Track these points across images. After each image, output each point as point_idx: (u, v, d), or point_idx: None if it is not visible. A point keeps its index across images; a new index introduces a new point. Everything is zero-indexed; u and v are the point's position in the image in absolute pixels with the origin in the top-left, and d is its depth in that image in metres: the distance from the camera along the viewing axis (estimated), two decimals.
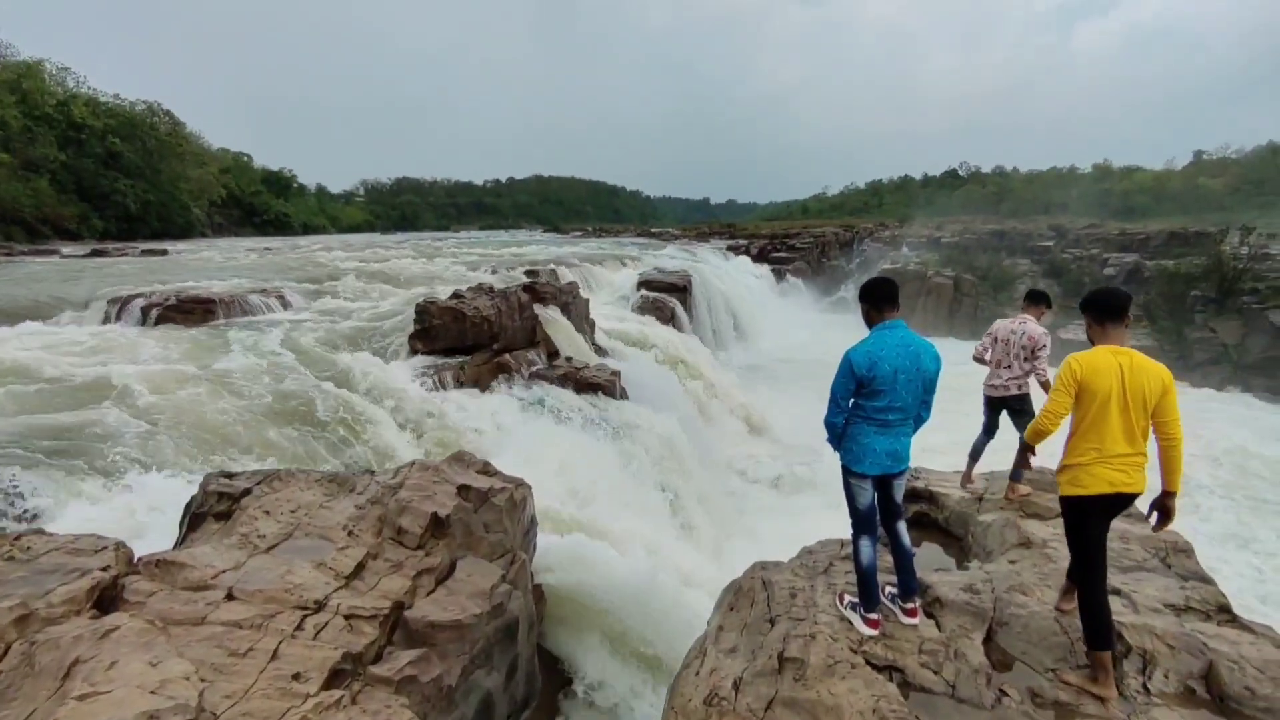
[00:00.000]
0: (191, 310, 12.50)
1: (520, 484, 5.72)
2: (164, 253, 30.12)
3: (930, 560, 5.31)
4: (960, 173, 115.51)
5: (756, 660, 3.56)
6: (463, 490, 5.08)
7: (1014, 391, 5.68)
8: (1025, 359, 5.63)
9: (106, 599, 3.56)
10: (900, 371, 3.56)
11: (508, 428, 8.99)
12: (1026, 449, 3.91)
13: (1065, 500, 3.45)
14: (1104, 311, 3.47)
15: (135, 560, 4.02)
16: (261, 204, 75.44)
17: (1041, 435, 3.55)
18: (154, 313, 12.27)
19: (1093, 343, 3.53)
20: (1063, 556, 4.36)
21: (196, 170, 63.53)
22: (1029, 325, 5.64)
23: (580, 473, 8.46)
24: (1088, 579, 3.37)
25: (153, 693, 2.50)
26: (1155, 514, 3.39)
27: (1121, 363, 3.32)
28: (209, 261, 24.55)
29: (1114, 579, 4.14)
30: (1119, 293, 3.53)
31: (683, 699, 3.41)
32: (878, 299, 3.72)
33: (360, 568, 4.28)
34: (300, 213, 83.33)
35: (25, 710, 2.44)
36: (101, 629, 2.83)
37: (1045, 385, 5.37)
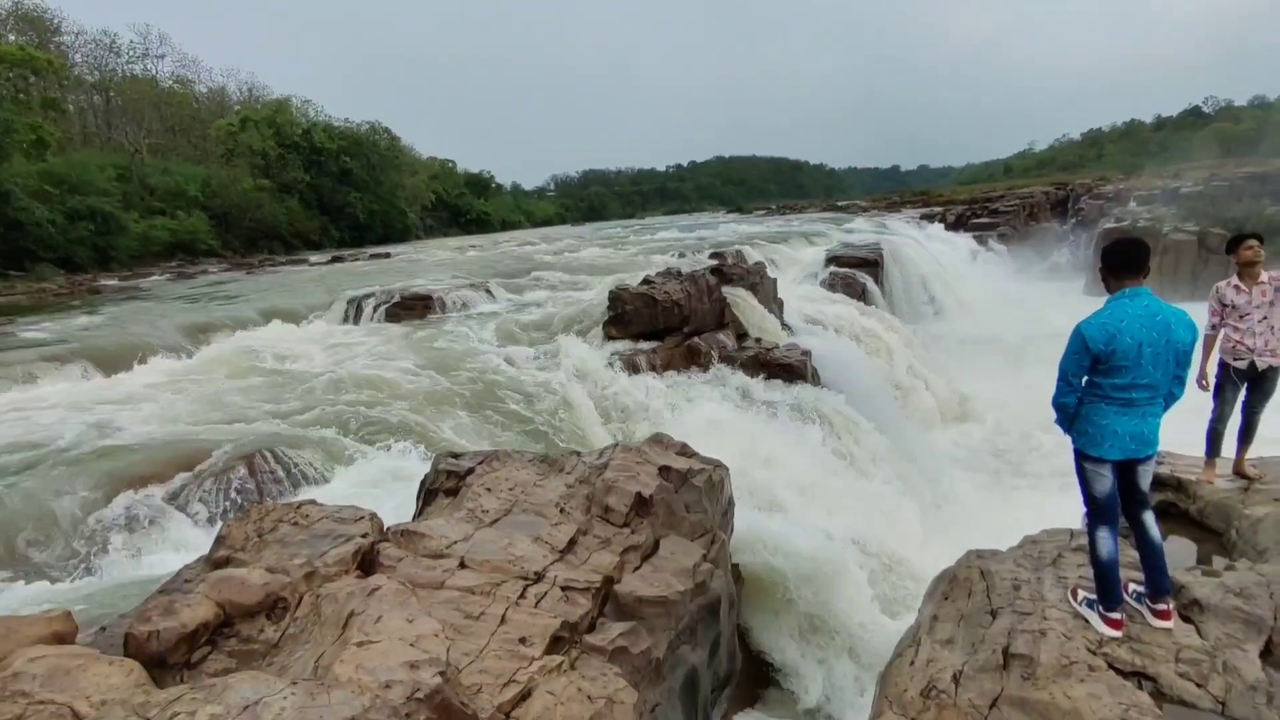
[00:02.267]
0: (413, 306, 14.00)
1: (718, 465, 5.80)
2: (388, 255, 33.97)
3: (1181, 558, 4.67)
4: (1206, 109, 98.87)
5: (978, 654, 3.35)
6: (664, 471, 5.24)
7: None
8: None
9: (366, 561, 4.11)
10: (1146, 345, 3.14)
11: (700, 410, 9.13)
12: None
13: None
14: None
15: (385, 529, 4.60)
16: (465, 205, 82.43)
17: None
18: (383, 310, 13.90)
19: None
20: None
21: (410, 179, 70.86)
22: None
23: (774, 455, 8.40)
24: None
25: (411, 645, 2.86)
26: None
27: None
28: (425, 261, 27.28)
29: None
30: None
31: (897, 689, 3.30)
32: (1114, 264, 3.32)
33: (572, 543, 4.57)
34: (499, 210, 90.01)
35: (317, 651, 2.90)
36: (368, 587, 3.28)
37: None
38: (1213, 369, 5.24)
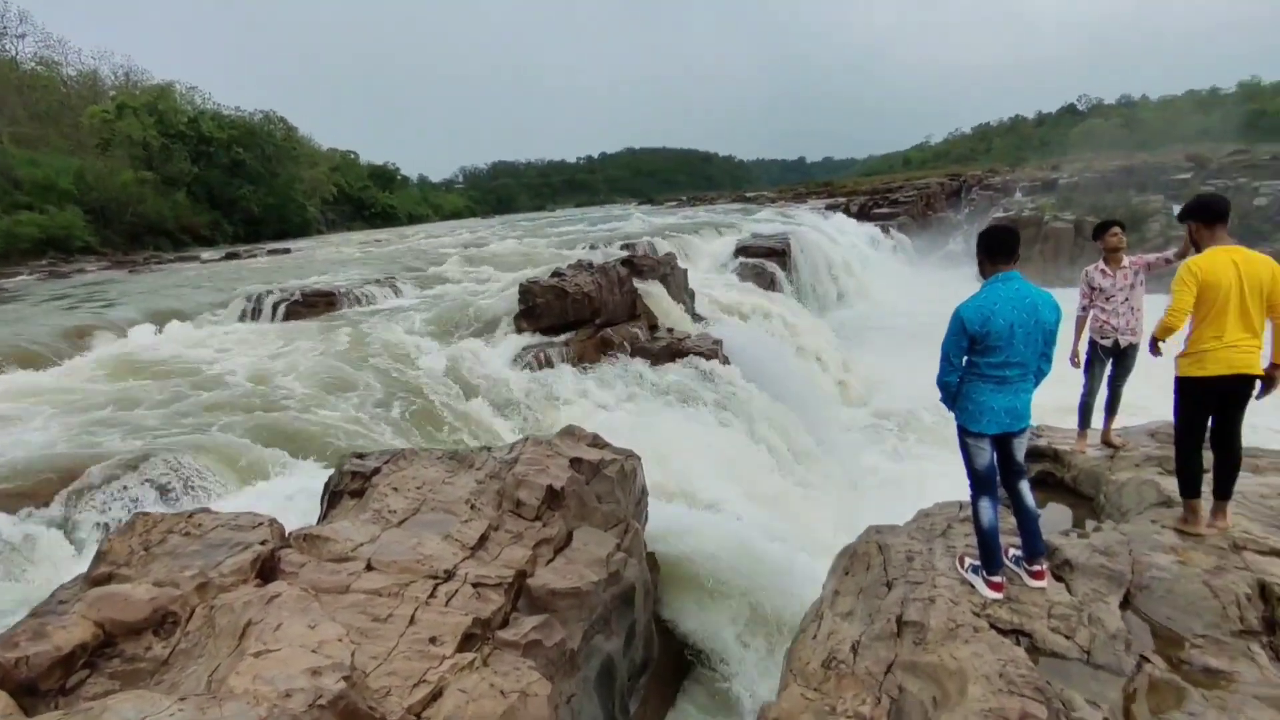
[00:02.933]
0: (315, 303, 13.45)
1: (630, 455, 5.85)
2: (288, 250, 32.40)
3: (1057, 522, 5.05)
4: (1080, 107, 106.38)
5: (874, 624, 3.54)
6: (575, 463, 5.26)
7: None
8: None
9: (266, 569, 3.94)
10: (1018, 325, 3.39)
11: (612, 401, 9.18)
12: (1155, 343, 4.11)
13: (1184, 380, 3.88)
14: (1212, 216, 3.89)
15: (286, 535, 4.43)
16: (369, 198, 79.41)
17: (1170, 330, 3.89)
18: (282, 308, 13.28)
19: (1198, 247, 3.94)
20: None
21: (309, 171, 67.63)
22: None
23: (687, 442, 8.54)
24: (1187, 444, 3.95)
25: (314, 651, 2.78)
26: (1260, 385, 3.77)
27: (1235, 259, 3.71)
28: (326, 256, 26.18)
29: (1273, 538, 3.81)
30: (1220, 198, 4.02)
31: (801, 662, 3.44)
32: (991, 250, 3.56)
33: (484, 539, 4.53)
34: (405, 204, 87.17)
35: (211, 665, 2.77)
36: (266, 595, 3.16)
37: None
38: (1083, 348, 5.69)
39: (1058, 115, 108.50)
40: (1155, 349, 4.10)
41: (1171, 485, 4.61)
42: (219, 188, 53.32)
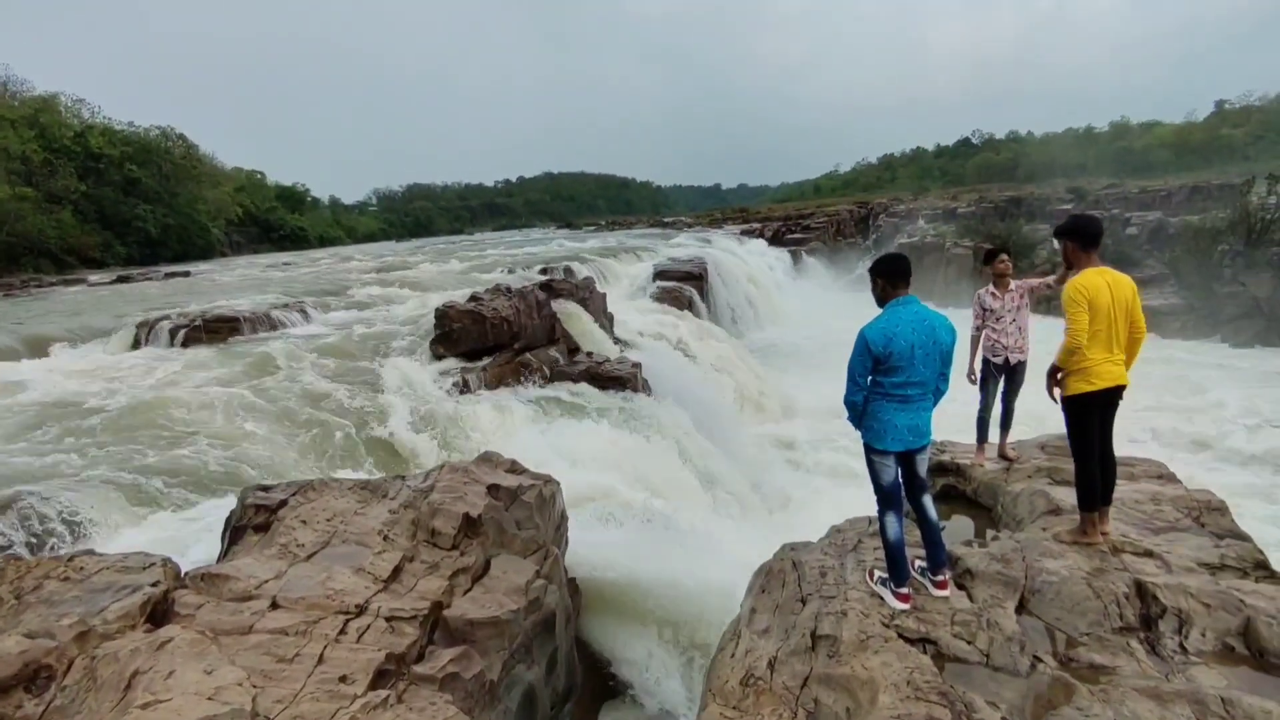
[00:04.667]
0: (217, 329, 12.74)
1: (549, 480, 5.80)
2: (187, 274, 30.72)
3: (960, 533, 5.31)
4: (974, 140, 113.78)
5: (790, 639, 3.61)
6: (493, 489, 5.17)
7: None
8: None
9: (159, 613, 3.69)
10: (917, 346, 3.58)
11: (532, 426, 9.08)
12: (1055, 375, 4.22)
13: (1075, 398, 4.06)
14: (1088, 237, 4.08)
15: (182, 575, 4.16)
16: (277, 220, 76.24)
17: (1075, 351, 3.97)
18: (181, 334, 12.53)
19: (1071, 266, 4.15)
20: None
21: (212, 191, 64.47)
22: None
23: (606, 465, 8.53)
24: (1084, 457, 4.11)
25: (209, 699, 2.61)
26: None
27: (1108, 280, 3.97)
28: (230, 281, 24.97)
29: (1147, 540, 4.13)
30: (1095, 220, 4.22)
31: (720, 681, 3.47)
32: (891, 275, 3.74)
33: (398, 571, 4.38)
34: (316, 226, 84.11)
35: None
36: (157, 641, 2.95)
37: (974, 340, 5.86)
38: (979, 365, 6.04)
39: (955, 148, 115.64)
40: (1055, 381, 4.17)
41: (1060, 494, 4.94)
42: (111, 207, 50.04)
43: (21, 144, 45.21)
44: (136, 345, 12.54)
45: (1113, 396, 4.05)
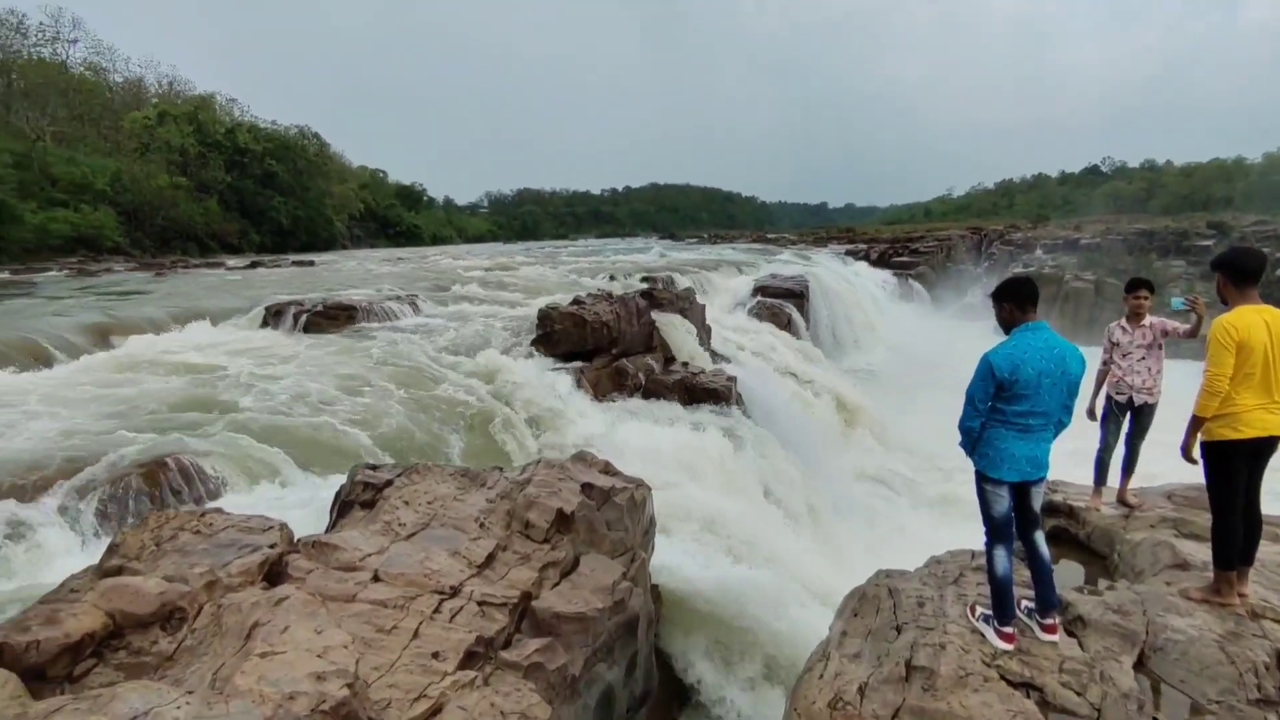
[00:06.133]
0: (335, 316, 13.56)
1: (640, 484, 5.84)
2: (311, 263, 32.83)
3: (1070, 578, 4.97)
4: (1103, 168, 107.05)
5: (883, 667, 3.48)
6: (586, 488, 5.25)
7: None
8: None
9: (274, 573, 3.95)
10: (1045, 375, 3.41)
11: (624, 429, 9.17)
12: (1195, 427, 3.83)
13: (1218, 445, 3.71)
14: (1245, 273, 3.73)
15: (295, 540, 4.44)
16: (395, 217, 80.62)
17: (1215, 397, 3.64)
18: (304, 318, 13.42)
19: (1226, 302, 3.78)
20: None
21: (339, 187, 69.00)
22: None
23: (695, 478, 8.51)
24: (1224, 511, 3.75)
25: (319, 656, 2.77)
26: None
27: (1265, 318, 3.62)
28: (350, 271, 26.52)
29: None
30: (1257, 252, 3.88)
31: (806, 701, 3.38)
32: (1021, 299, 3.58)
33: (491, 558, 4.51)
34: (430, 224, 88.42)
35: (216, 663, 2.77)
36: (274, 597, 3.16)
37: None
38: (1101, 402, 5.66)
39: (1080, 175, 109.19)
40: (1192, 441, 3.78)
41: (1188, 548, 4.55)
42: (250, 198, 54.47)
43: (181, 138, 49.81)
44: (264, 326, 13.51)
45: (1263, 448, 3.69)
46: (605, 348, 11.30)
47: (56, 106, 51.07)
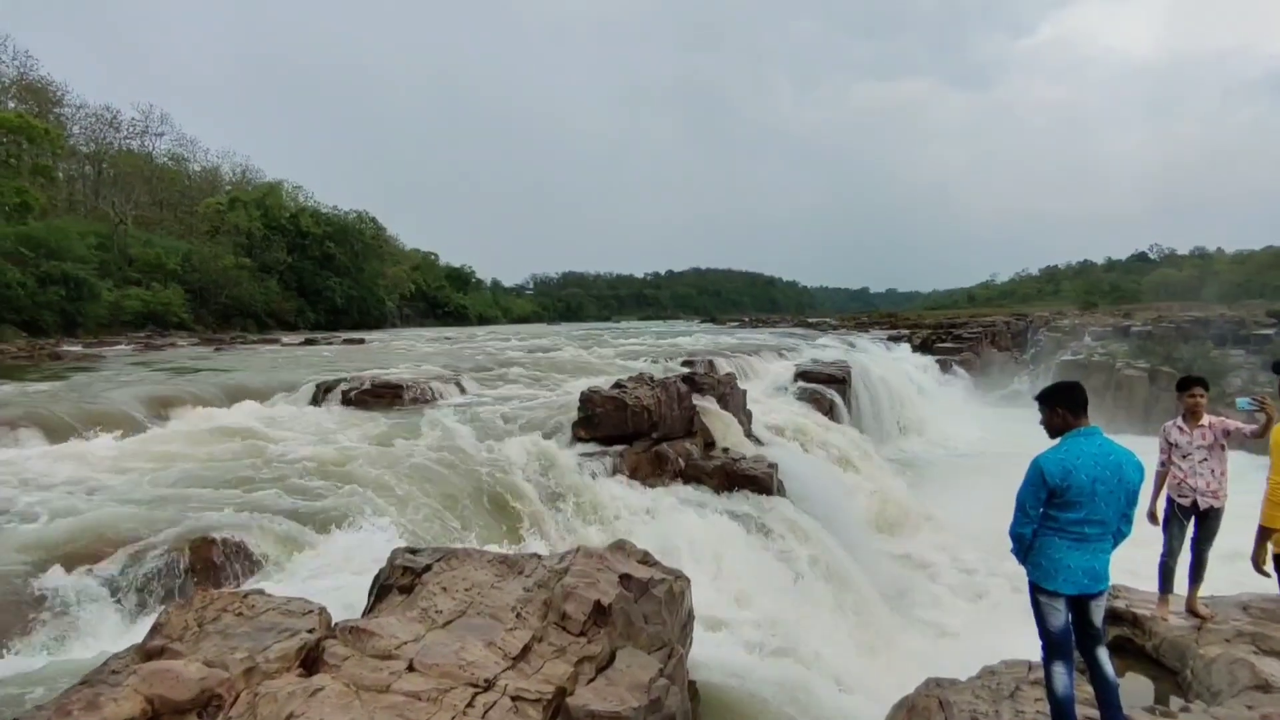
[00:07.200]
0: (382, 394, 13.91)
1: (679, 576, 5.72)
2: (362, 341, 33.95)
3: (1137, 695, 4.66)
4: (1151, 255, 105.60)
5: None
6: (624, 579, 5.16)
7: None
8: None
9: (310, 659, 3.93)
10: (1100, 482, 3.29)
11: (663, 518, 9.06)
12: (1266, 536, 3.72)
13: None
14: None
15: (333, 625, 4.43)
16: (444, 298, 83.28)
17: None
18: (352, 395, 13.79)
19: None
20: None
21: (393, 268, 71.97)
22: None
23: (733, 568, 8.32)
24: None
25: None
26: None
27: None
28: (398, 350, 27.30)
29: None
30: None
31: None
32: (1075, 404, 3.50)
33: (526, 650, 4.43)
34: (477, 305, 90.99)
35: None
36: (310, 687, 3.15)
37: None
38: (1162, 504, 5.42)
39: (1128, 262, 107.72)
40: (1262, 552, 3.71)
41: (1270, 667, 4.24)
42: (309, 278, 57.03)
43: (249, 222, 52.92)
44: (315, 402, 13.91)
45: None
46: (646, 431, 11.29)
47: (140, 193, 55.02)
